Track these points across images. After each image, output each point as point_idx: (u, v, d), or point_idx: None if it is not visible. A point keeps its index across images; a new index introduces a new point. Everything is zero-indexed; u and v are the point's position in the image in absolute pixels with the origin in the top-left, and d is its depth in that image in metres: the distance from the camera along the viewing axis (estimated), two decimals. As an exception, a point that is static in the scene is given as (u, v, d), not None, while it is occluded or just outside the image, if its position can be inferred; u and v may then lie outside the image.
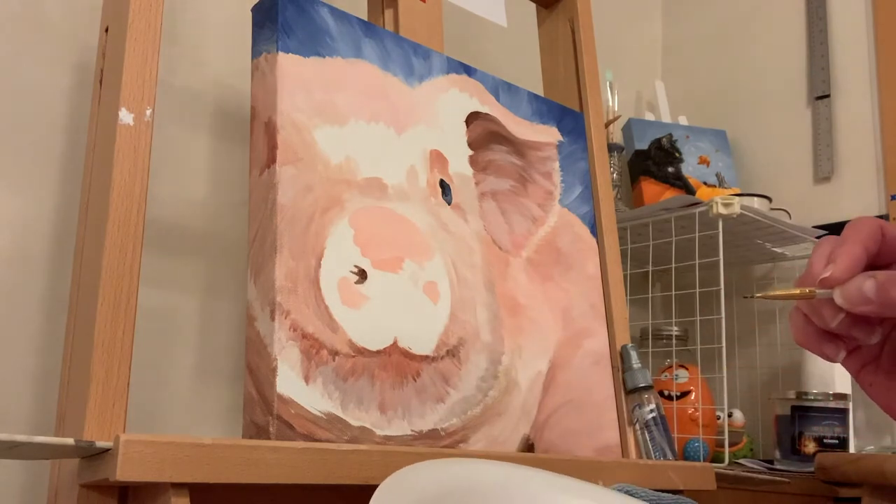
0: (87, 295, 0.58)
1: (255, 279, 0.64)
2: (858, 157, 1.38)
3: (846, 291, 0.41)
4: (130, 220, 0.58)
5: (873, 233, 0.43)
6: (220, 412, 0.89)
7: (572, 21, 0.98)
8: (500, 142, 0.83)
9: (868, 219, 0.44)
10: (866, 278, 0.41)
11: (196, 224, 0.90)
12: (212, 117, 0.93)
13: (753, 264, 1.45)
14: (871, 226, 0.43)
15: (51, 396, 0.75)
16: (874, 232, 0.43)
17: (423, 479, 0.45)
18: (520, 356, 0.76)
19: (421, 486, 0.44)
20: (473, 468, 0.51)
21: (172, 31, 0.91)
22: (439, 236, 0.73)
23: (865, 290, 0.40)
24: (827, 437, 1.10)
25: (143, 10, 0.62)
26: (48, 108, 0.81)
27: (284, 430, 0.58)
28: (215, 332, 0.90)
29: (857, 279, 0.41)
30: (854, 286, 0.41)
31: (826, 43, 1.44)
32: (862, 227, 0.43)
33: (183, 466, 0.49)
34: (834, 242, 0.43)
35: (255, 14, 0.71)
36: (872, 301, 0.40)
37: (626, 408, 0.86)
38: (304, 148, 0.66)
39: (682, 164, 1.41)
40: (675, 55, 1.69)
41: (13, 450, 0.48)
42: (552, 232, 0.85)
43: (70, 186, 0.81)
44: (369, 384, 0.64)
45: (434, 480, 0.46)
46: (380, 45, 0.75)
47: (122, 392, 0.55)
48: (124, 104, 0.60)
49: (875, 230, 0.43)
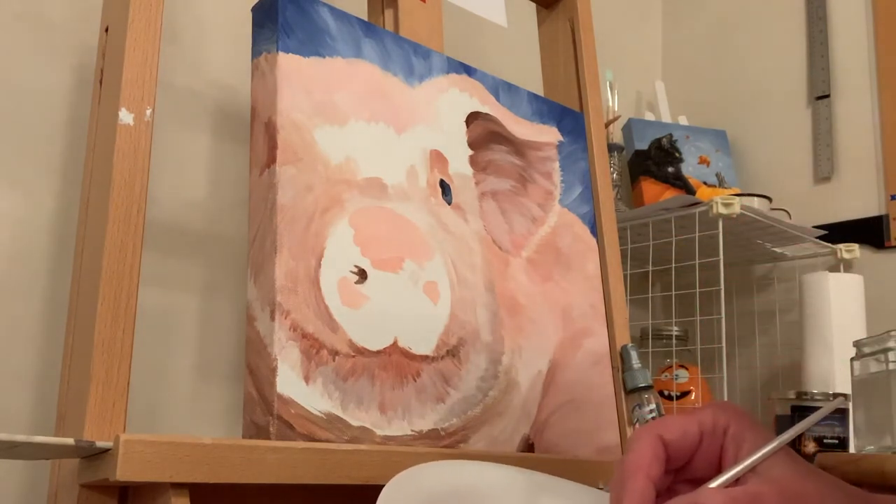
0: (87, 295, 0.58)
1: (255, 279, 0.64)
2: (858, 157, 1.38)
3: None
4: (130, 220, 0.58)
5: (654, 453, 0.40)
6: (220, 412, 0.89)
7: (572, 21, 0.98)
8: (501, 142, 0.83)
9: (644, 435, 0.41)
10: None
11: (196, 224, 0.90)
12: (212, 117, 0.93)
13: (753, 264, 1.45)
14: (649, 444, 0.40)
15: (51, 396, 0.75)
16: (654, 451, 0.40)
17: (429, 479, 0.45)
18: (520, 356, 0.76)
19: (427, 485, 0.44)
20: (479, 469, 0.51)
21: (172, 31, 0.91)
22: (439, 236, 0.73)
23: None
24: (827, 437, 1.10)
25: (143, 10, 0.62)
26: (48, 108, 0.81)
27: (284, 430, 0.58)
28: (215, 332, 0.90)
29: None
30: None
31: (826, 43, 1.44)
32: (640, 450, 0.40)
33: (183, 466, 0.49)
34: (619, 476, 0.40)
35: (255, 14, 0.71)
36: None
37: (626, 408, 0.86)
38: (304, 148, 0.66)
39: (682, 164, 1.41)
40: (675, 55, 1.69)
41: (13, 450, 0.48)
42: (552, 232, 0.85)
43: (70, 186, 0.81)
44: (369, 384, 0.64)
45: (440, 481, 0.45)
46: (380, 45, 0.75)
47: (122, 392, 0.55)
48: (124, 104, 0.60)
49: (654, 448, 0.40)
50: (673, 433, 0.41)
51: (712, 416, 0.42)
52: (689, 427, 0.41)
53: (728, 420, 0.41)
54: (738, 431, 0.41)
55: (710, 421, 0.41)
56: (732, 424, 0.41)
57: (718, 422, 0.41)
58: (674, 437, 0.40)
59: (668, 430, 0.41)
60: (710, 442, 0.41)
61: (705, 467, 0.41)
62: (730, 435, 0.41)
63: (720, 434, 0.41)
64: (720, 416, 0.42)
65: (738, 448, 0.41)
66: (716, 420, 0.41)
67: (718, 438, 0.41)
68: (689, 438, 0.41)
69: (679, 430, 0.41)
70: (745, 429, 0.41)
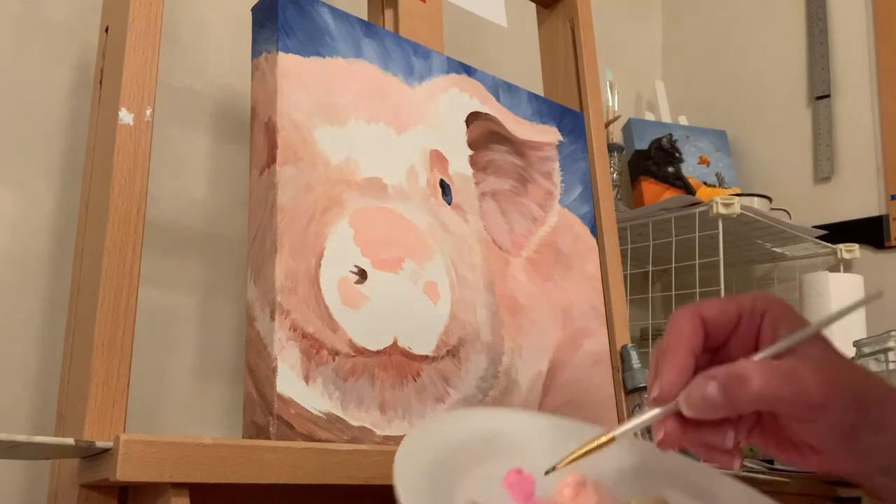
0: (87, 295, 0.58)
1: (255, 279, 0.64)
2: (858, 157, 1.38)
3: (691, 402, 0.39)
4: (130, 220, 0.58)
5: (693, 328, 0.41)
6: (220, 412, 0.89)
7: (572, 21, 0.98)
8: (501, 142, 0.83)
9: (685, 312, 0.42)
10: (707, 381, 0.38)
11: (196, 224, 0.90)
12: (212, 117, 0.93)
13: (753, 264, 1.45)
14: (688, 321, 0.41)
15: (51, 396, 0.75)
16: (693, 327, 0.41)
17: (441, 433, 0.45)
18: (520, 356, 0.76)
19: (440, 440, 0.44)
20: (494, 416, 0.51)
21: (172, 31, 0.91)
22: (439, 236, 0.73)
23: (710, 395, 0.38)
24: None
25: (143, 10, 0.62)
26: (48, 108, 0.81)
27: (284, 430, 0.58)
28: (215, 332, 0.90)
29: (698, 385, 0.39)
30: (697, 394, 0.38)
31: (826, 43, 1.44)
32: (680, 325, 0.41)
33: (183, 466, 0.49)
34: (658, 352, 0.41)
35: (255, 14, 0.71)
36: (721, 405, 0.38)
37: (626, 408, 0.86)
38: (304, 148, 0.66)
39: (682, 164, 1.41)
40: (675, 55, 1.69)
41: (13, 450, 0.48)
42: (552, 232, 0.85)
43: (70, 186, 0.81)
44: (369, 384, 0.64)
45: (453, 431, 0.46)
46: (380, 45, 0.75)
47: (122, 392, 0.55)
48: (124, 104, 0.60)
49: (693, 324, 0.41)
50: (712, 311, 0.42)
51: (752, 299, 0.43)
52: (727, 307, 0.42)
53: (767, 305, 0.42)
54: (776, 315, 0.42)
55: (749, 303, 0.43)
56: (771, 309, 0.42)
57: (757, 305, 0.42)
58: (712, 315, 0.42)
59: (707, 308, 0.42)
60: (748, 324, 0.42)
61: (741, 350, 0.42)
62: (767, 318, 0.42)
63: (758, 316, 0.42)
64: (759, 300, 0.43)
65: (775, 331, 0.42)
66: (755, 303, 0.43)
67: (756, 320, 0.42)
68: (728, 317, 0.42)
69: (718, 309, 0.42)
70: (782, 313, 0.42)
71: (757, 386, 0.37)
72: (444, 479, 0.40)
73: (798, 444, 0.41)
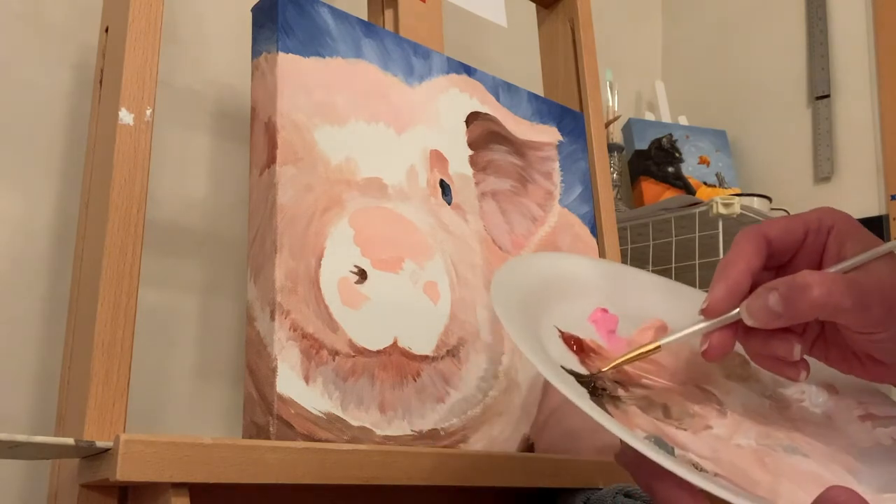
0: (87, 295, 0.58)
1: (254, 279, 0.64)
2: (858, 157, 1.38)
3: (752, 311, 0.39)
4: (130, 221, 0.58)
5: (754, 248, 0.41)
6: (220, 412, 0.89)
7: (572, 21, 0.98)
8: (500, 142, 0.83)
9: (748, 232, 0.42)
10: (768, 291, 0.39)
11: (196, 224, 0.90)
12: (212, 117, 0.93)
13: (753, 264, 1.44)
14: (751, 239, 0.41)
15: (51, 396, 0.75)
16: (755, 247, 0.41)
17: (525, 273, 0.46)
18: (520, 356, 0.76)
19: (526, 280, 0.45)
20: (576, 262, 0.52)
21: (172, 31, 0.91)
22: (439, 236, 0.73)
23: (771, 305, 0.38)
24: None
25: (143, 10, 0.62)
26: (48, 108, 0.81)
27: (284, 430, 0.58)
28: (215, 332, 0.90)
29: (759, 296, 0.39)
30: (758, 304, 0.39)
31: (826, 43, 1.44)
32: (741, 245, 0.41)
33: (183, 466, 0.49)
34: (720, 265, 0.41)
35: (255, 14, 0.71)
36: (782, 314, 0.38)
37: (626, 408, 0.86)
38: (304, 148, 0.66)
39: (682, 164, 1.41)
40: (675, 55, 1.69)
41: (13, 450, 0.48)
42: (552, 232, 0.85)
43: (70, 186, 0.81)
44: (369, 384, 0.64)
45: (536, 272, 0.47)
46: (380, 45, 0.75)
47: (122, 392, 0.55)
48: (124, 104, 0.60)
49: (755, 243, 0.41)
50: (776, 230, 0.42)
51: (818, 215, 0.43)
52: (793, 224, 0.42)
53: (834, 220, 0.42)
54: (843, 230, 0.42)
55: (815, 219, 0.42)
56: (838, 224, 0.42)
57: (824, 220, 0.42)
58: (777, 233, 0.42)
59: (772, 227, 0.42)
60: (814, 240, 0.42)
61: (807, 266, 0.42)
62: (834, 233, 0.42)
63: (824, 232, 0.42)
64: (826, 216, 0.42)
65: (842, 246, 0.41)
66: (821, 219, 0.42)
67: (822, 236, 0.42)
68: (793, 235, 0.42)
69: (782, 227, 0.42)
70: (850, 229, 0.42)
71: (817, 294, 0.37)
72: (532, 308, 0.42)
73: (860, 357, 0.42)
